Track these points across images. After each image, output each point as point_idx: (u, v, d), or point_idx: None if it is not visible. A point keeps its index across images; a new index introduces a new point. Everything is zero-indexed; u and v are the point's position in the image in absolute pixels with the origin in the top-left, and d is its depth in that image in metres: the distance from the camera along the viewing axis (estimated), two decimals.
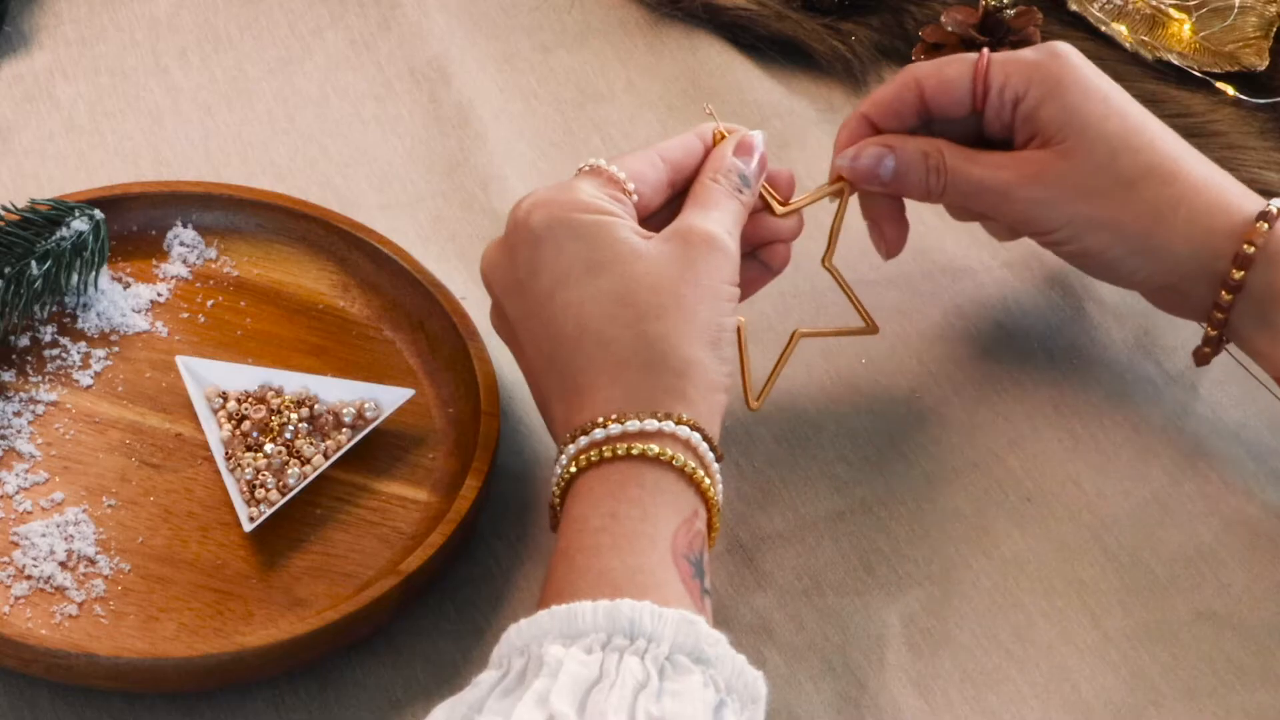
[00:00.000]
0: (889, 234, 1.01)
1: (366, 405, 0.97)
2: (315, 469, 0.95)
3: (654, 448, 0.84)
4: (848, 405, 1.01)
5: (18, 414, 0.97)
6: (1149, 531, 0.98)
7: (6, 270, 0.98)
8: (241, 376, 0.98)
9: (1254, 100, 1.18)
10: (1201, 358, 0.99)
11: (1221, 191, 0.96)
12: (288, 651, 0.88)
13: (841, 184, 0.99)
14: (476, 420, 0.96)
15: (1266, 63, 1.21)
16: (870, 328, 1.00)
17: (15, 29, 1.19)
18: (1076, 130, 0.96)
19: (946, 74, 0.98)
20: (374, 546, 0.93)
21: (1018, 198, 0.96)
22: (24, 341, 1.00)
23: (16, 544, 0.92)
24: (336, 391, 0.97)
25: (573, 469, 0.85)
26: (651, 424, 0.84)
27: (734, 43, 1.21)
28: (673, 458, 0.84)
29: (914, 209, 1.10)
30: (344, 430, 0.96)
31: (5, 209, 1.00)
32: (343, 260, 1.04)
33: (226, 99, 1.16)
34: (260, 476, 0.94)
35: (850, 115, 1.00)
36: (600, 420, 0.85)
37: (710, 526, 0.86)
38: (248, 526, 0.92)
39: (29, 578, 0.91)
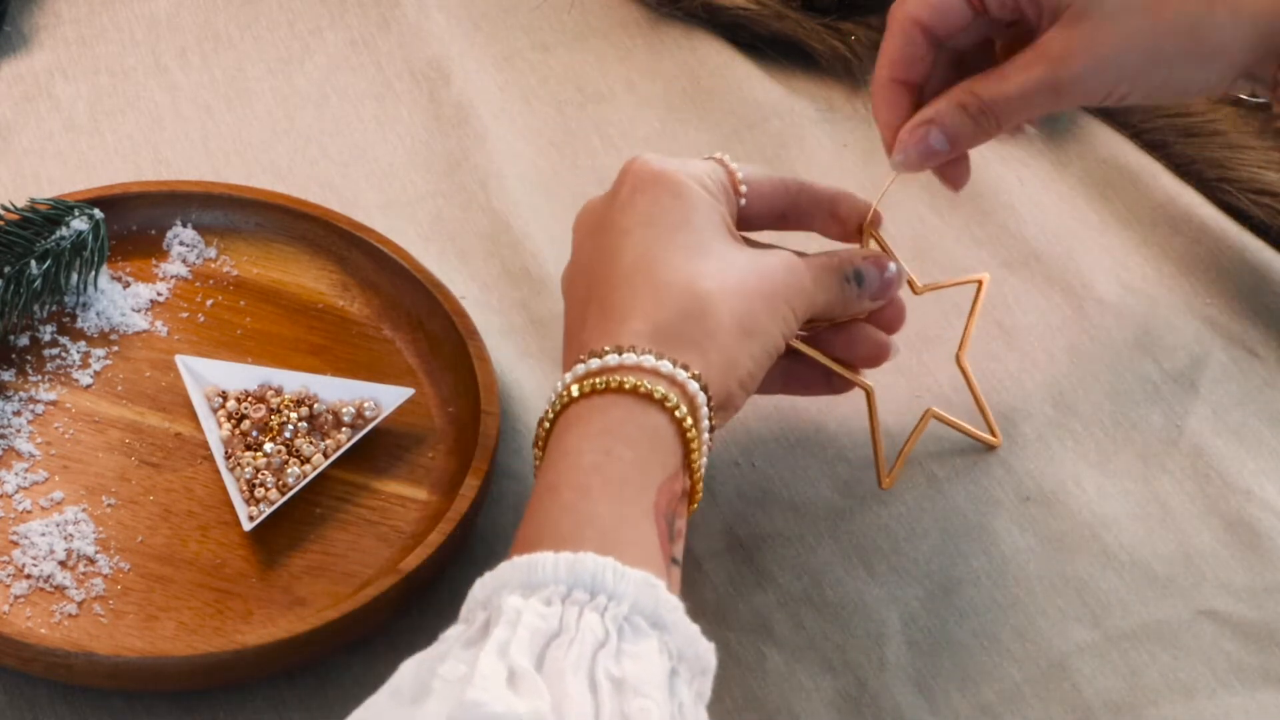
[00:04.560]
0: (951, 174, 0.98)
1: (366, 404, 0.97)
2: (315, 468, 0.95)
3: (661, 389, 0.83)
4: (848, 405, 1.01)
5: (17, 413, 0.97)
6: (1149, 531, 0.98)
7: (6, 270, 0.98)
8: (241, 376, 0.98)
9: (1254, 100, 1.18)
10: None
11: None
12: (287, 650, 0.88)
13: (980, 278, 0.99)
14: (476, 419, 0.96)
15: None
16: (994, 439, 1.00)
17: (15, 29, 1.18)
18: None
19: None
20: (374, 546, 0.93)
21: (1063, 85, 0.93)
22: (24, 341, 1.00)
23: (16, 543, 0.92)
24: (336, 391, 0.97)
25: (575, 391, 0.84)
26: (666, 366, 0.84)
27: (734, 42, 1.21)
28: (675, 406, 0.83)
29: (911, 209, 1.10)
30: (344, 429, 0.96)
31: (5, 208, 1.00)
32: (342, 260, 1.04)
33: (226, 99, 1.16)
34: (260, 475, 0.94)
35: (874, 84, 0.97)
36: (620, 347, 0.84)
37: (692, 496, 0.84)
38: (247, 525, 0.92)
39: (29, 577, 0.91)
